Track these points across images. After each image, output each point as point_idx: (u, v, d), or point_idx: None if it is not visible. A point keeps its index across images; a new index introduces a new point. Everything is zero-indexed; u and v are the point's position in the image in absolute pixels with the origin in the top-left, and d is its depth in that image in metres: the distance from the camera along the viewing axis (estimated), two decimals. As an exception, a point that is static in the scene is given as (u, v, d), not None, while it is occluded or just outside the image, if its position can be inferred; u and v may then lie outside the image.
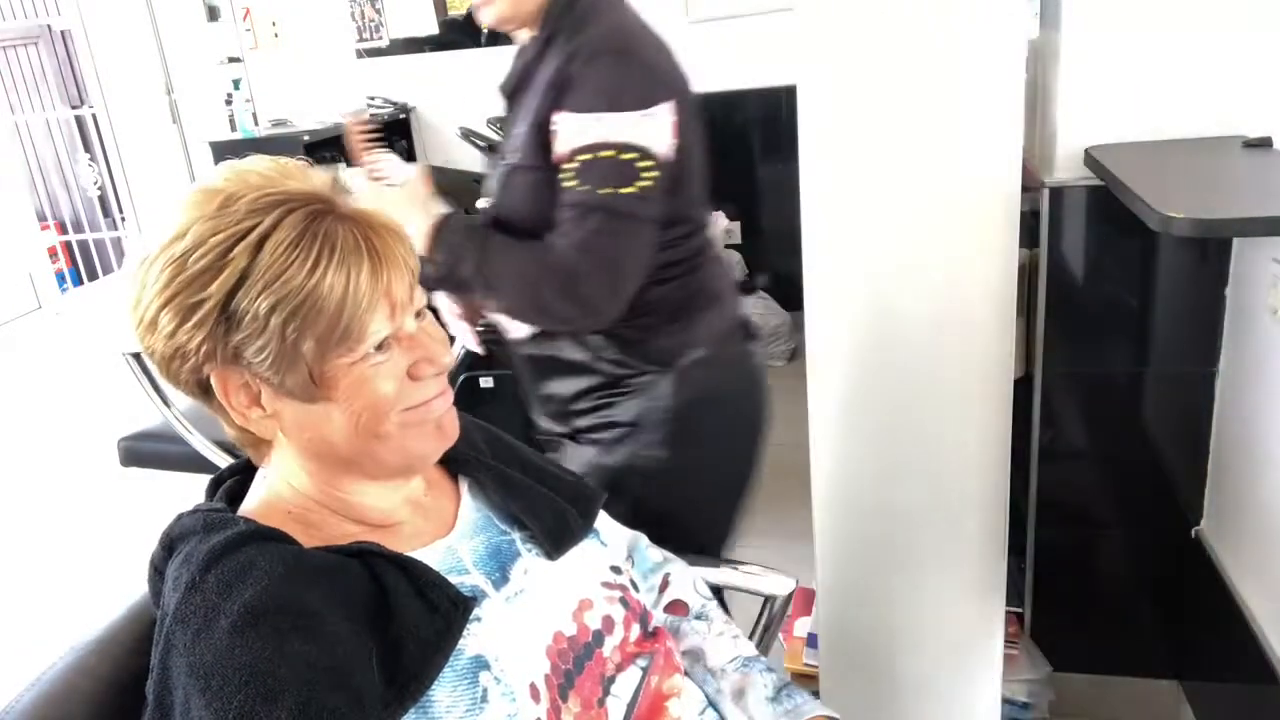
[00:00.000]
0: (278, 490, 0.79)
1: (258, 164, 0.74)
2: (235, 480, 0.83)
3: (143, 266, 0.72)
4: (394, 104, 4.46)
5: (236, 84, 4.32)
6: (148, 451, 2.20)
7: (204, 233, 0.70)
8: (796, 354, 3.78)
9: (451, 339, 1.09)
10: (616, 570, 0.91)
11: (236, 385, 0.73)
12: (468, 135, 3.30)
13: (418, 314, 0.78)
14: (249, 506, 0.80)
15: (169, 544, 0.75)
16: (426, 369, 0.76)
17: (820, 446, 1.37)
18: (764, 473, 1.33)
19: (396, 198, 1.17)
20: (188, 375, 0.73)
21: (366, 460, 0.77)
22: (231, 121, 4.26)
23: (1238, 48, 1.45)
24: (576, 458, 1.29)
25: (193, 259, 0.69)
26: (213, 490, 0.84)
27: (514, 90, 1.24)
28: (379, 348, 0.74)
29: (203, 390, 0.75)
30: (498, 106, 1.27)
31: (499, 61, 1.27)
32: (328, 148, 4.06)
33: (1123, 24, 1.49)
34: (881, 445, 1.33)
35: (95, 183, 5.83)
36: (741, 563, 1.17)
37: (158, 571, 0.75)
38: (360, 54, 4.52)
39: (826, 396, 1.34)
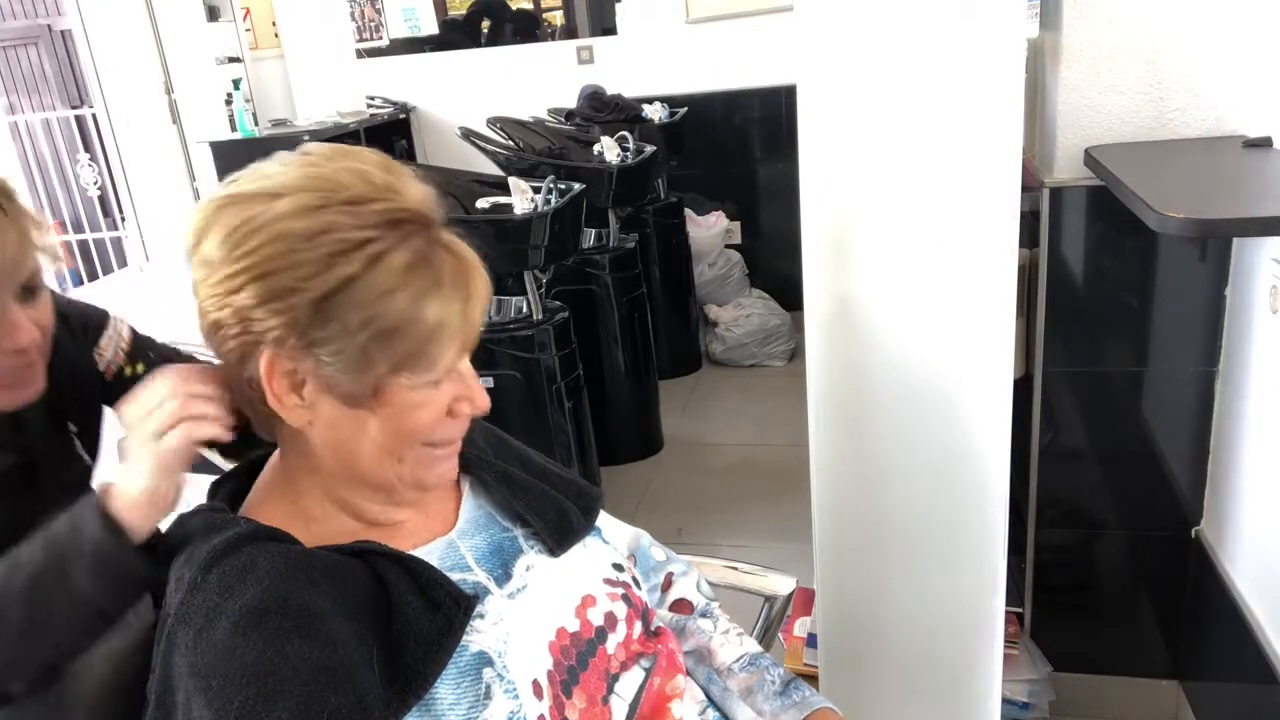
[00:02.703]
0: (282, 486, 0.79)
1: (370, 158, 0.73)
2: (236, 483, 0.83)
3: (246, 221, 0.69)
4: (394, 104, 4.46)
5: (236, 84, 4.32)
6: (148, 451, 2.19)
7: (327, 224, 0.68)
8: (796, 354, 3.78)
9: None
10: (619, 568, 0.91)
11: (284, 370, 0.71)
12: (468, 135, 3.30)
13: None
14: (250, 507, 0.80)
15: (170, 545, 0.75)
16: (466, 407, 0.77)
17: (820, 447, 1.37)
18: (764, 473, 1.33)
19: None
20: (235, 345, 0.72)
21: (375, 479, 0.76)
22: (231, 121, 4.25)
23: (1238, 48, 1.45)
24: None
25: (305, 245, 0.68)
26: (214, 493, 0.84)
27: None
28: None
29: (238, 361, 0.73)
30: (498, 106, 1.27)
31: (499, 61, 1.27)
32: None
33: (1122, 24, 1.49)
34: (881, 445, 1.33)
35: (95, 183, 5.82)
36: (741, 563, 1.17)
37: (159, 572, 0.75)
38: (360, 54, 4.52)
39: (826, 396, 1.34)
